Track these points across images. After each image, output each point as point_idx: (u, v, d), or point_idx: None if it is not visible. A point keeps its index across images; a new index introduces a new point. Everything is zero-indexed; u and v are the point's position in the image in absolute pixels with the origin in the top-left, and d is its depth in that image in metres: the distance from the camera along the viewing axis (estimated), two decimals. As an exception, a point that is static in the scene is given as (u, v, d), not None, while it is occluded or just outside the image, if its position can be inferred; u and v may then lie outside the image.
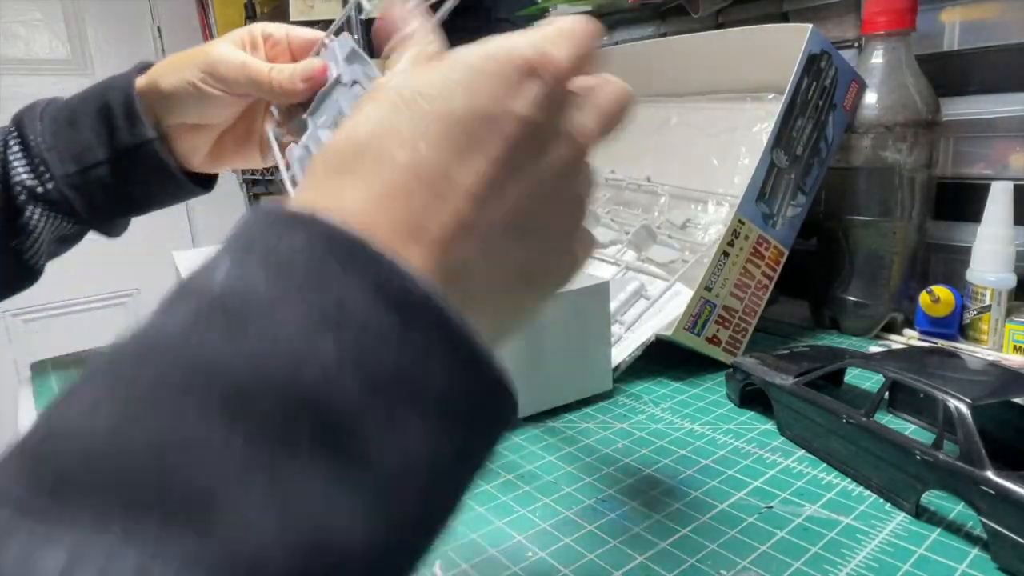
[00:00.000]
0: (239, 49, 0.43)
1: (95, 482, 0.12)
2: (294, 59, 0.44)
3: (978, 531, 0.30)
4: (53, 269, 0.50)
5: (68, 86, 1.53)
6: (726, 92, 0.65)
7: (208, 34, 1.68)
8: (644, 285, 0.57)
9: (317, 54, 0.43)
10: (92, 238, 0.50)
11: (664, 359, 0.52)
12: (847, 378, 0.46)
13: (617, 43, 0.85)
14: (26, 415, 0.53)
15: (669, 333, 0.49)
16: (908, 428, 0.40)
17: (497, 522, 0.33)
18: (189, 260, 0.59)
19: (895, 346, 0.55)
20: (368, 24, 1.05)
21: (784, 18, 0.69)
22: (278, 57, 0.44)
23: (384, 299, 0.15)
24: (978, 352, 0.51)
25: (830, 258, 0.59)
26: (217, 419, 0.13)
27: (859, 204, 0.55)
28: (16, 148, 0.45)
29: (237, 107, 0.45)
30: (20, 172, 0.45)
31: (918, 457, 0.31)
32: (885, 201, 0.54)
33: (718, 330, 0.51)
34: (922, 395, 0.36)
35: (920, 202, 0.55)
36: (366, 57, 0.37)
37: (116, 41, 1.60)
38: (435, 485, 0.15)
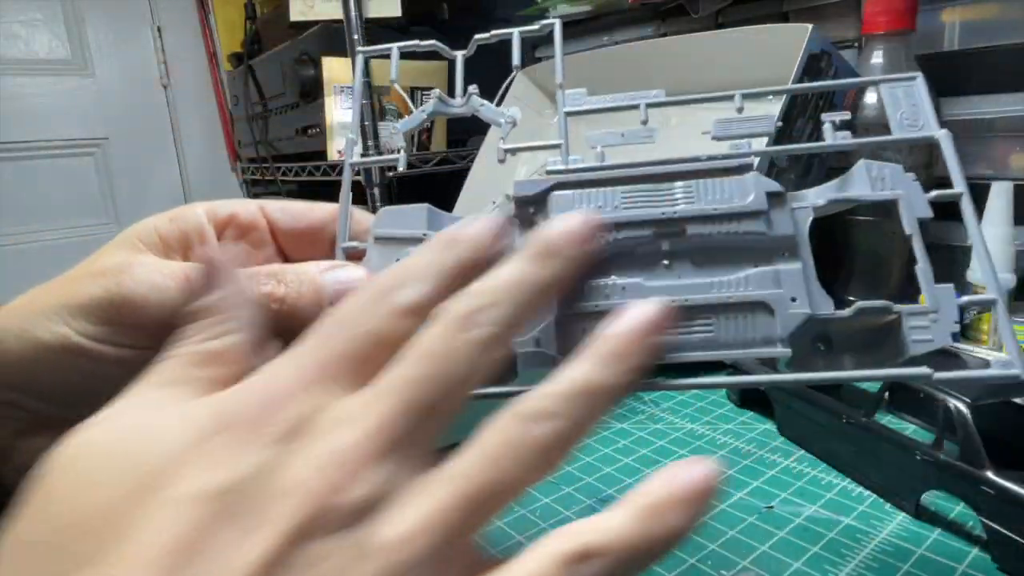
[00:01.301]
0: (161, 258, 0.23)
1: None
2: (285, 256, 0.26)
3: (978, 531, 0.30)
4: (53, 270, 0.50)
5: (68, 86, 1.54)
6: (728, 90, 0.64)
7: (208, 34, 1.68)
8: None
9: (354, 254, 0.25)
10: (90, 236, 0.49)
11: (664, 359, 0.52)
12: (847, 378, 0.46)
13: (617, 43, 0.85)
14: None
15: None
16: (908, 428, 0.40)
17: (497, 522, 0.33)
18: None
19: (895, 346, 0.55)
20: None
21: (784, 18, 0.69)
22: (252, 255, 0.26)
23: None
24: (978, 352, 0.51)
25: (830, 258, 0.59)
26: None
27: (859, 204, 0.55)
28: None
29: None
30: None
31: (918, 457, 0.31)
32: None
33: (718, 330, 0.51)
34: (922, 395, 0.36)
35: (920, 202, 0.55)
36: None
37: (116, 41, 1.60)
38: None
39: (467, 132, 1.14)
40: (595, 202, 0.23)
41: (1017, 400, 0.33)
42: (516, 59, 0.27)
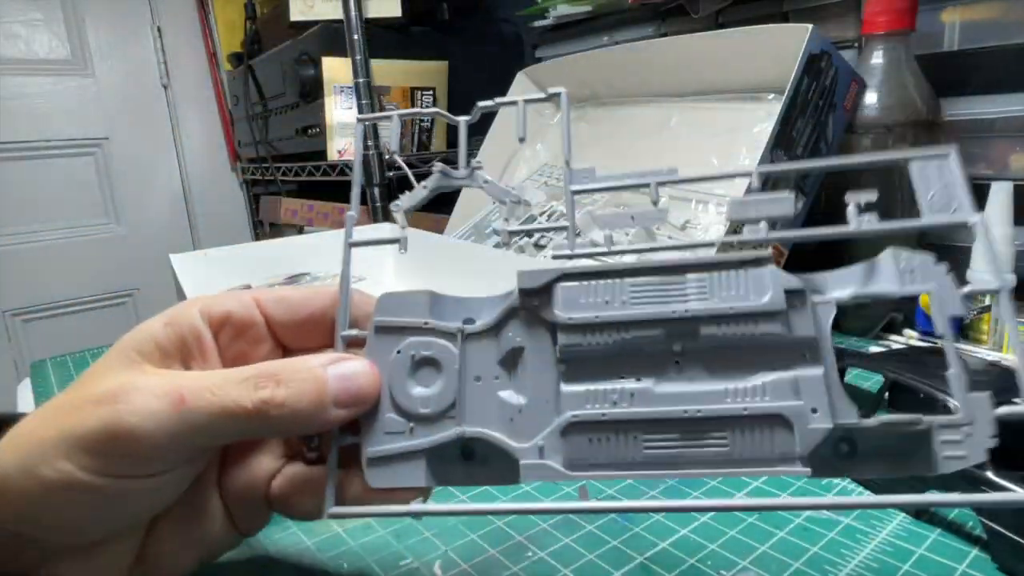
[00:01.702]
0: (160, 370, 0.23)
1: None
2: (285, 350, 0.26)
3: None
4: (53, 270, 0.50)
5: (68, 86, 1.54)
6: (726, 92, 0.65)
7: (208, 34, 1.68)
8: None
9: (350, 341, 0.24)
10: (90, 236, 0.49)
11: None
12: (847, 378, 0.46)
13: (617, 43, 0.85)
14: (26, 415, 0.53)
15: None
16: (908, 428, 0.40)
17: (498, 522, 0.33)
18: (186, 263, 0.59)
19: (895, 346, 0.55)
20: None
21: (784, 18, 0.69)
22: (250, 353, 0.26)
23: None
24: (978, 352, 0.51)
25: (830, 258, 0.59)
26: None
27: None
28: None
29: (177, 486, 0.24)
30: None
31: (918, 457, 0.31)
32: (885, 201, 0.54)
33: (718, 330, 0.51)
34: (922, 395, 0.36)
35: (920, 202, 0.55)
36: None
37: (116, 41, 1.60)
38: None
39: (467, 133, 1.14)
40: (602, 295, 0.22)
41: (1017, 400, 0.33)
42: (521, 131, 0.24)
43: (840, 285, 0.22)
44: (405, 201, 0.26)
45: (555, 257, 0.23)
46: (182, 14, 1.67)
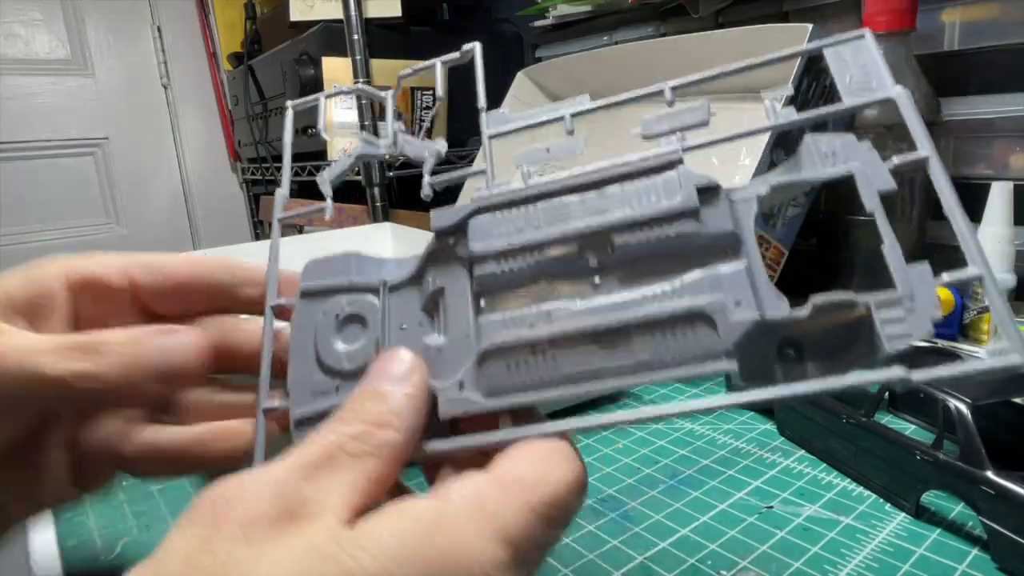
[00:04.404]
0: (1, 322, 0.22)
1: None
2: (155, 317, 0.25)
3: (978, 531, 0.30)
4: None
5: (68, 86, 1.54)
6: (726, 92, 0.64)
7: (208, 34, 1.68)
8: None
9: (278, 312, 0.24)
10: (90, 236, 0.49)
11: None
12: (847, 378, 0.46)
13: (617, 43, 0.85)
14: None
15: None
16: (908, 428, 0.40)
17: (497, 522, 0.33)
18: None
19: (895, 346, 0.55)
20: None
21: (784, 18, 0.69)
22: (107, 320, 0.24)
23: None
24: (978, 352, 0.51)
25: (830, 258, 0.59)
26: None
27: (859, 204, 0.55)
28: None
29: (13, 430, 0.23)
30: None
31: (918, 457, 0.31)
32: (887, 203, 0.54)
33: (718, 330, 0.50)
34: (922, 395, 0.36)
35: (920, 202, 0.55)
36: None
37: (116, 41, 1.60)
38: None
39: (467, 132, 1.14)
40: (515, 223, 0.21)
41: (1017, 400, 0.33)
42: (440, 91, 0.25)
43: (762, 182, 0.21)
44: (328, 172, 0.26)
45: (474, 201, 0.22)
46: (182, 14, 1.67)
